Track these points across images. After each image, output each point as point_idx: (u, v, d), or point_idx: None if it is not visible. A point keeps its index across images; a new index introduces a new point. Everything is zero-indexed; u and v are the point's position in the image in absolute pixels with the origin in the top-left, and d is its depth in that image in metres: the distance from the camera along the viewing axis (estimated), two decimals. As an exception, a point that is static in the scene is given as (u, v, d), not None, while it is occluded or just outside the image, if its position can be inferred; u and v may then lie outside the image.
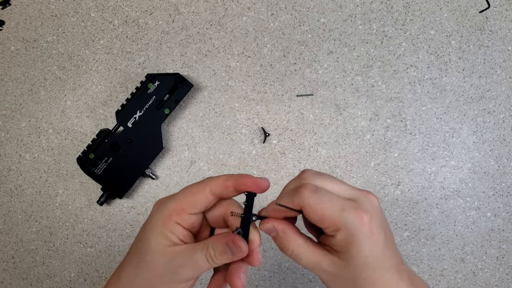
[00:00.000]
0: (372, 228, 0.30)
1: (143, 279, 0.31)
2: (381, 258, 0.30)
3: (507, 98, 0.62)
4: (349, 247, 0.30)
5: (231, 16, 0.64)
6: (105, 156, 0.60)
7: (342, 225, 0.29)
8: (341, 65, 0.63)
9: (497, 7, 0.62)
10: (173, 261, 0.31)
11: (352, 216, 0.29)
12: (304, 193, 0.30)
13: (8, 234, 0.67)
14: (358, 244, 0.29)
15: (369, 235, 0.30)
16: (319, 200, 0.30)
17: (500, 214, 0.62)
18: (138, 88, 0.61)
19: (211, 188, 0.32)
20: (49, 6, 0.66)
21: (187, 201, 0.32)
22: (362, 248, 0.29)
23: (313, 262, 0.32)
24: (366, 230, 0.29)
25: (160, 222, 0.31)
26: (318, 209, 0.30)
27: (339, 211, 0.30)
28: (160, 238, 0.31)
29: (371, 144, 0.63)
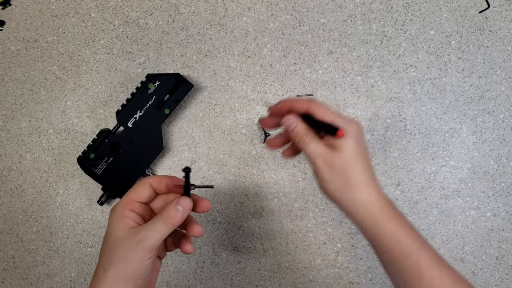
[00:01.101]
0: (357, 133, 0.42)
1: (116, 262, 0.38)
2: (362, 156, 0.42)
3: (506, 98, 0.62)
4: (342, 141, 0.41)
5: (231, 16, 0.64)
6: (105, 156, 0.60)
7: (338, 121, 0.42)
8: (341, 65, 0.63)
9: (497, 7, 0.62)
10: (137, 236, 0.38)
11: (345, 120, 0.42)
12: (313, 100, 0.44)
13: (8, 234, 0.67)
14: (348, 138, 0.41)
15: (355, 136, 0.42)
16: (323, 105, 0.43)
17: (500, 214, 0.63)
18: (138, 88, 0.61)
19: (149, 183, 0.41)
20: (49, 6, 0.66)
21: (134, 193, 0.41)
22: (349, 142, 0.41)
23: (318, 149, 0.42)
24: (353, 131, 0.42)
25: (118, 215, 0.39)
26: (322, 109, 0.43)
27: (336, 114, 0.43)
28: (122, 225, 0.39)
29: (371, 144, 0.63)
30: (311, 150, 0.43)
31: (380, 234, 0.41)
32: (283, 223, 0.64)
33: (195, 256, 0.65)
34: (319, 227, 0.64)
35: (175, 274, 0.65)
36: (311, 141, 0.43)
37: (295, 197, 0.64)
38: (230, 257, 0.65)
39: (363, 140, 0.44)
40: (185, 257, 0.65)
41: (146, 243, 0.38)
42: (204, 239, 0.65)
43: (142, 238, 0.38)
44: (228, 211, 0.65)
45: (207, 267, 0.65)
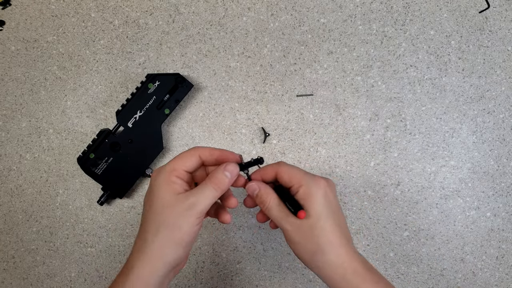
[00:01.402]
0: (326, 191, 0.41)
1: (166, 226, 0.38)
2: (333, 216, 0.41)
3: (506, 98, 0.62)
4: (308, 199, 0.40)
5: (231, 16, 0.64)
6: (105, 156, 0.60)
7: (304, 182, 0.41)
8: (341, 65, 0.63)
9: (497, 7, 0.62)
10: (186, 201, 0.39)
11: (312, 178, 0.42)
12: (281, 163, 0.44)
13: (8, 234, 0.67)
14: (314, 198, 0.40)
15: (324, 194, 0.41)
16: (291, 167, 0.43)
17: (500, 214, 0.63)
18: (138, 88, 0.61)
19: (199, 154, 0.42)
20: (49, 6, 0.66)
21: (182, 161, 0.41)
22: (318, 201, 0.40)
23: (282, 213, 0.42)
24: (322, 189, 0.41)
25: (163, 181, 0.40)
26: (289, 171, 0.42)
27: (303, 174, 0.42)
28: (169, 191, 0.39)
29: (371, 144, 0.63)
30: (276, 214, 0.42)
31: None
32: (283, 223, 0.64)
33: (195, 256, 0.65)
34: (319, 227, 0.64)
35: (175, 274, 0.65)
36: (274, 205, 0.42)
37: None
38: (230, 257, 0.65)
39: (335, 198, 0.42)
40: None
41: (197, 208, 0.39)
42: (204, 239, 0.65)
43: (193, 203, 0.39)
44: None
45: (207, 267, 0.65)
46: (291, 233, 0.41)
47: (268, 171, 0.44)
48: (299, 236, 0.41)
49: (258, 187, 0.43)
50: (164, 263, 0.38)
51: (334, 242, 0.40)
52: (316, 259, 0.40)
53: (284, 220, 0.41)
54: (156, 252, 0.38)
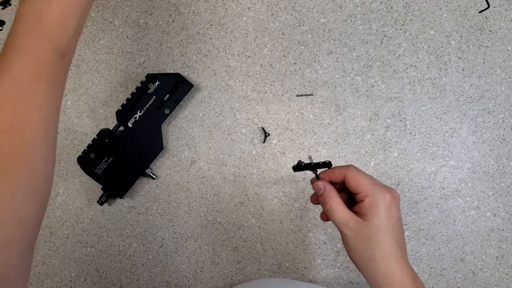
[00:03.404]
0: (390, 205, 0.41)
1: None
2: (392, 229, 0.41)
3: (506, 98, 0.62)
4: (371, 210, 0.40)
5: (231, 16, 0.64)
6: (105, 156, 0.60)
7: (371, 192, 0.41)
8: (341, 65, 0.63)
9: (497, 7, 0.62)
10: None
11: (379, 190, 0.41)
12: (350, 167, 0.43)
13: (8, 234, 0.67)
14: (378, 210, 0.40)
15: (388, 207, 0.41)
16: (359, 174, 0.42)
17: (500, 214, 0.63)
18: (138, 88, 0.61)
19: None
20: (49, 6, 0.66)
21: None
22: (380, 213, 0.40)
23: (344, 217, 0.42)
24: (386, 203, 0.41)
25: None
26: (357, 178, 0.42)
27: (371, 184, 0.41)
28: None
29: (371, 144, 0.63)
30: (337, 218, 0.42)
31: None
32: (283, 223, 0.64)
33: (195, 256, 0.65)
34: (319, 227, 0.64)
35: (175, 274, 0.65)
36: (337, 207, 0.42)
37: (295, 197, 0.64)
38: (230, 257, 0.65)
39: (397, 211, 0.43)
40: (185, 257, 0.65)
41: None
42: (204, 239, 0.65)
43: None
44: (228, 211, 0.65)
45: (207, 267, 0.65)
46: (349, 238, 0.42)
47: (336, 173, 0.44)
48: (356, 243, 0.42)
49: (323, 187, 0.44)
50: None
51: (388, 255, 0.41)
52: (368, 267, 0.42)
53: (344, 225, 0.42)
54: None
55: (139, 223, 0.66)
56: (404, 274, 0.41)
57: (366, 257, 0.41)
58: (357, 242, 0.41)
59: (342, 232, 0.43)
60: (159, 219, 0.65)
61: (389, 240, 0.41)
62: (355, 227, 0.41)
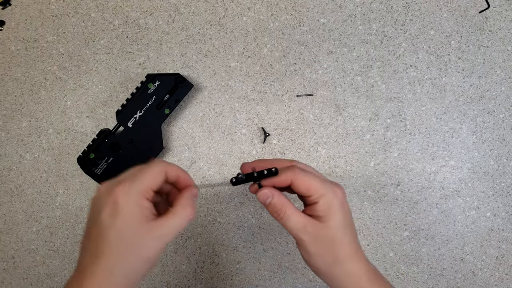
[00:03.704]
0: (343, 201, 0.40)
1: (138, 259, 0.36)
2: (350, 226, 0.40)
3: (506, 98, 0.62)
4: (328, 211, 0.39)
5: (231, 16, 0.64)
6: (105, 156, 0.60)
7: (324, 192, 0.39)
8: (341, 65, 0.63)
9: (497, 7, 0.62)
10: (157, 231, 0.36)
11: (331, 188, 0.39)
12: (296, 170, 0.40)
13: (8, 234, 0.67)
14: (335, 209, 0.39)
15: (342, 205, 0.40)
16: (307, 175, 0.39)
17: (500, 214, 0.63)
18: (138, 88, 0.61)
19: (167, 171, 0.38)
20: (49, 6, 0.66)
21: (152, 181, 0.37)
22: (337, 212, 0.39)
23: (300, 223, 0.39)
24: (340, 200, 0.39)
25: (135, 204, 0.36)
26: (306, 180, 0.39)
27: (321, 183, 0.39)
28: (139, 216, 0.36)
29: (371, 144, 0.63)
30: (293, 225, 0.39)
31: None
32: (283, 223, 0.64)
33: (195, 256, 0.65)
34: (319, 227, 0.64)
35: (175, 274, 0.65)
36: (291, 215, 0.39)
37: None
38: (230, 257, 0.65)
39: (348, 205, 0.41)
40: (185, 257, 0.65)
41: (166, 239, 0.36)
42: (204, 239, 0.65)
43: (163, 235, 0.36)
44: (228, 211, 0.65)
45: (207, 267, 0.65)
46: (308, 244, 0.39)
47: (281, 178, 0.40)
48: (317, 247, 0.39)
49: (271, 194, 0.40)
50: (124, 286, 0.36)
51: (352, 253, 0.40)
52: (334, 270, 0.40)
53: (302, 231, 0.39)
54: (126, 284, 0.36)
55: (139, 223, 0.66)
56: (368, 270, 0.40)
57: (330, 260, 0.39)
58: (317, 246, 0.39)
59: (299, 239, 0.40)
60: (159, 219, 0.65)
61: (349, 238, 0.40)
62: (313, 230, 0.39)
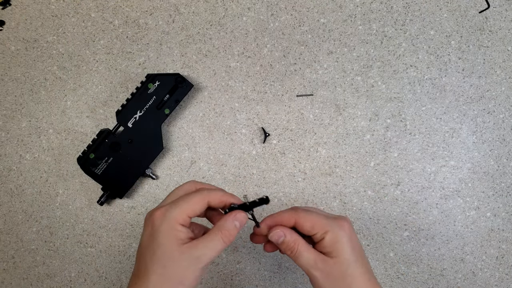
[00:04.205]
0: (351, 234, 0.41)
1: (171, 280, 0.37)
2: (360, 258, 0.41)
3: (506, 98, 0.62)
4: (336, 245, 0.39)
5: (231, 16, 0.64)
6: (105, 156, 0.60)
7: (329, 228, 0.40)
8: (341, 65, 0.63)
9: (497, 7, 0.62)
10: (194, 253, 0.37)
11: (335, 223, 0.40)
12: (298, 209, 0.42)
13: (8, 234, 0.67)
14: (342, 243, 0.39)
15: (350, 238, 0.40)
16: (309, 214, 0.41)
17: (500, 214, 0.63)
18: (138, 88, 0.61)
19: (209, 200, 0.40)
20: (49, 6, 0.66)
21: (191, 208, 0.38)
22: (345, 246, 0.40)
23: (311, 259, 0.40)
24: (347, 233, 0.40)
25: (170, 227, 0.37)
26: (309, 218, 0.40)
27: (325, 219, 0.40)
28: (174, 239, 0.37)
29: (371, 144, 0.63)
30: (304, 261, 0.40)
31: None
32: (283, 223, 0.64)
33: (195, 256, 0.65)
34: (319, 227, 0.64)
35: (175, 274, 0.65)
36: (303, 251, 0.40)
37: (295, 197, 0.64)
38: (230, 257, 0.65)
39: (356, 237, 0.42)
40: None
41: (204, 261, 0.37)
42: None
43: (201, 256, 0.37)
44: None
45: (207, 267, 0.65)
46: (320, 280, 0.40)
47: (285, 218, 0.42)
48: (329, 283, 0.40)
49: (283, 233, 0.41)
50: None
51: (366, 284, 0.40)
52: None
53: (314, 267, 0.40)
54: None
55: (139, 223, 0.66)
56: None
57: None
58: (329, 282, 0.40)
59: (312, 275, 0.40)
60: (159, 219, 0.65)
61: (360, 270, 0.40)
62: (324, 267, 0.39)
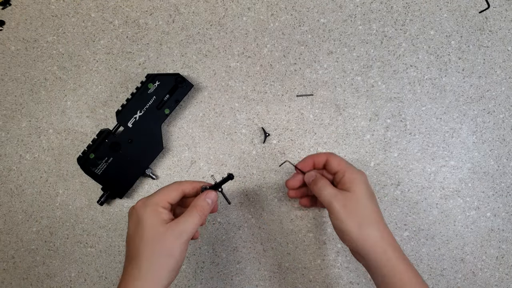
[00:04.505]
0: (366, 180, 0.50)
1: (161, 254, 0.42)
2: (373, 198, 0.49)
3: (506, 98, 0.62)
4: (354, 181, 0.48)
5: (231, 16, 0.64)
6: (105, 156, 0.60)
7: (349, 170, 0.50)
8: (341, 65, 0.63)
9: (497, 7, 0.62)
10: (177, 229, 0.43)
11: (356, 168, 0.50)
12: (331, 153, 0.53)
13: (8, 234, 0.67)
14: (358, 181, 0.48)
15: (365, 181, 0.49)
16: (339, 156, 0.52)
17: (500, 214, 0.63)
18: (138, 88, 0.61)
19: (183, 189, 0.48)
20: (49, 6, 0.66)
21: (167, 195, 0.46)
22: (360, 183, 0.48)
23: (332, 192, 0.48)
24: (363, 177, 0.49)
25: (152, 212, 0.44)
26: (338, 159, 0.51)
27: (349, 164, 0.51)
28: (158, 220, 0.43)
29: (371, 144, 0.63)
30: (327, 194, 0.48)
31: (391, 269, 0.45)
32: (283, 223, 0.64)
33: (195, 256, 0.65)
34: (319, 227, 0.64)
35: (175, 274, 0.65)
36: (326, 186, 0.49)
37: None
38: (230, 257, 0.65)
39: (370, 186, 0.50)
40: (185, 257, 0.65)
41: (186, 235, 0.43)
42: (204, 239, 0.65)
43: (183, 231, 0.43)
44: (228, 211, 0.65)
45: (207, 267, 0.65)
46: (339, 211, 0.46)
47: (321, 157, 0.53)
48: (346, 213, 0.46)
49: (315, 174, 0.52)
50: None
51: (376, 218, 0.47)
52: (362, 231, 0.45)
53: (334, 198, 0.47)
54: (154, 279, 0.41)
55: (139, 223, 0.66)
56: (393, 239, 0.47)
57: (358, 221, 0.46)
58: (346, 212, 0.46)
59: (331, 206, 0.47)
60: (159, 219, 0.65)
61: (373, 206, 0.47)
62: (343, 198, 0.47)
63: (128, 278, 0.42)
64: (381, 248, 0.45)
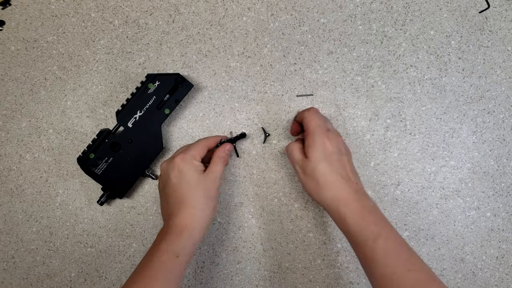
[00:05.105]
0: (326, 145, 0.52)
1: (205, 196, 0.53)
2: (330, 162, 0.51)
3: (506, 98, 0.62)
4: (310, 148, 0.52)
5: (231, 16, 0.64)
6: (105, 156, 0.60)
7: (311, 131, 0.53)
8: (341, 65, 0.63)
9: (497, 7, 0.62)
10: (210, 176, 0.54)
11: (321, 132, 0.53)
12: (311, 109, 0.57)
13: (8, 234, 0.67)
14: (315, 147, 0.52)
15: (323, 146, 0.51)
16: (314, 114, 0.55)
17: (500, 214, 0.63)
18: (138, 88, 0.61)
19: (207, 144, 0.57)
20: (49, 6, 0.66)
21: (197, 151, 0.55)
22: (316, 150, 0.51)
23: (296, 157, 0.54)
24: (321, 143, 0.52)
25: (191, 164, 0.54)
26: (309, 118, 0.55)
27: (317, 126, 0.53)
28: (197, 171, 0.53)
29: (371, 144, 0.63)
30: (291, 159, 0.55)
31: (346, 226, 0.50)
32: (283, 223, 0.64)
33: (195, 256, 0.65)
34: (319, 227, 0.64)
35: (175, 274, 0.65)
36: (294, 150, 0.55)
37: (295, 197, 0.64)
38: (230, 257, 0.65)
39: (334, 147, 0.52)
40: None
41: (218, 180, 0.54)
42: (204, 239, 0.65)
43: (216, 177, 0.54)
44: (228, 211, 0.65)
45: (207, 267, 0.65)
46: (299, 175, 0.54)
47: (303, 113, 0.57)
48: (305, 177, 0.52)
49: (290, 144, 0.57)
50: (208, 224, 0.53)
51: (331, 182, 0.51)
52: (319, 195, 0.51)
53: (297, 163, 0.54)
54: (205, 217, 0.52)
55: (139, 223, 0.66)
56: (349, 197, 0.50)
57: (314, 187, 0.51)
58: (305, 177, 0.52)
59: (295, 170, 0.54)
60: (159, 219, 0.65)
61: (328, 170, 0.51)
62: (302, 164, 0.53)
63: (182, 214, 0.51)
64: (334, 207, 0.50)
